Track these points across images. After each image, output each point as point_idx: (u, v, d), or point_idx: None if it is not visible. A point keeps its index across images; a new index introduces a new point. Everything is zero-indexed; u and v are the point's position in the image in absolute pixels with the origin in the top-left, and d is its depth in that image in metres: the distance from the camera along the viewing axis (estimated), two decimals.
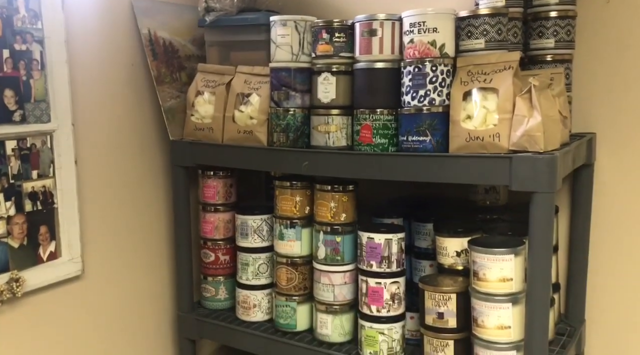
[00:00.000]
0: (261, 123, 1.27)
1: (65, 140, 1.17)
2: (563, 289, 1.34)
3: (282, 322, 1.32)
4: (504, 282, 1.03)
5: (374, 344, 1.18)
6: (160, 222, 1.45)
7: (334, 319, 1.25)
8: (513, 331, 1.03)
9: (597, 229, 1.31)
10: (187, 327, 1.41)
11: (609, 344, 1.32)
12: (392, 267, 1.18)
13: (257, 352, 1.32)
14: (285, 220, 1.30)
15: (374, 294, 1.19)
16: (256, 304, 1.37)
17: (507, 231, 1.16)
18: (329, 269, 1.25)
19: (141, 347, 1.42)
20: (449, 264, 1.18)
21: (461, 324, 1.10)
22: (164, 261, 1.46)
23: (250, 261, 1.37)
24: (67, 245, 1.18)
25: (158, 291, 1.45)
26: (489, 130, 1.02)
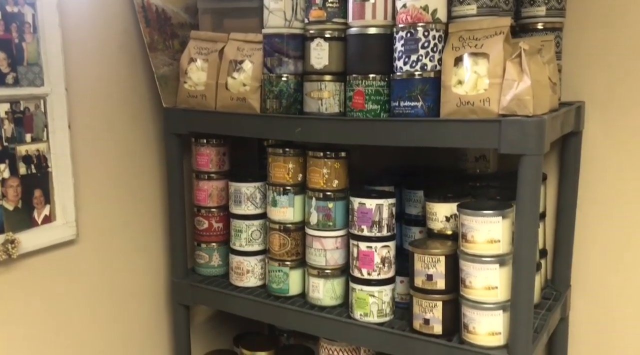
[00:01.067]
0: (254, 90, 1.28)
1: (59, 104, 1.17)
2: (550, 255, 1.37)
3: (275, 286, 1.34)
4: (491, 244, 1.05)
5: (364, 306, 1.21)
6: (154, 189, 1.46)
7: (325, 283, 1.28)
8: (500, 292, 1.06)
9: (584, 196, 1.34)
10: (181, 293, 1.43)
11: (593, 308, 1.36)
12: (382, 232, 1.20)
13: (251, 317, 1.35)
14: (278, 187, 1.31)
15: (364, 257, 1.21)
16: (249, 269, 1.39)
17: (496, 196, 1.18)
18: (321, 234, 1.27)
19: (135, 313, 1.44)
20: (439, 229, 1.21)
21: (449, 285, 1.12)
22: (158, 228, 1.48)
23: (243, 228, 1.39)
24: (62, 209, 1.19)
25: (152, 258, 1.47)
26: (480, 95, 1.03)
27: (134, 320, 1.43)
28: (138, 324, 1.45)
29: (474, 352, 1.07)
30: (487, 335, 1.07)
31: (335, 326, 1.23)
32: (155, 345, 1.50)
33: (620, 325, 1.34)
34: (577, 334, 1.37)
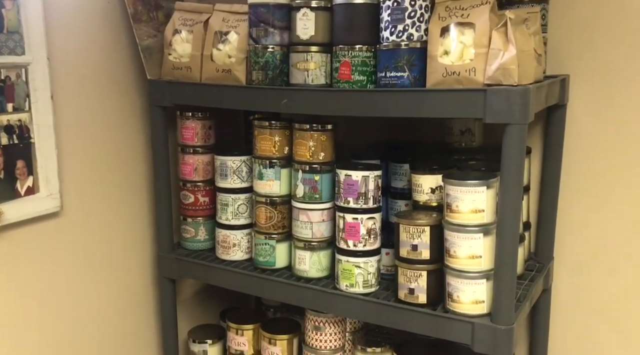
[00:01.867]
0: (239, 61, 1.27)
1: (41, 74, 1.15)
2: (533, 228, 1.38)
3: (262, 259, 1.34)
4: (475, 214, 1.06)
5: (350, 276, 1.22)
6: (139, 163, 1.45)
7: (312, 255, 1.28)
8: (483, 261, 1.07)
9: (568, 169, 1.35)
10: (167, 266, 1.43)
11: (574, 280, 1.38)
12: (368, 204, 1.21)
13: (237, 289, 1.35)
14: (264, 160, 1.31)
15: (350, 229, 1.22)
16: (236, 243, 1.39)
17: (481, 168, 1.19)
18: (308, 207, 1.28)
19: (121, 286, 1.43)
20: (424, 201, 1.21)
21: (434, 255, 1.13)
22: (143, 202, 1.47)
23: (229, 202, 1.39)
24: (45, 180, 1.18)
25: (138, 231, 1.46)
26: (466, 65, 1.03)
27: (119, 295, 1.43)
28: (124, 298, 1.44)
29: (457, 321, 1.08)
30: (470, 304, 1.08)
31: (322, 297, 1.24)
32: (142, 320, 1.50)
33: (601, 297, 1.36)
34: (559, 305, 1.40)
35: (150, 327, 1.52)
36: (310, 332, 1.34)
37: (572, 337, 1.41)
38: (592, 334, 1.39)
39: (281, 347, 1.39)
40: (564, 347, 1.42)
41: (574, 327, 1.40)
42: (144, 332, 1.51)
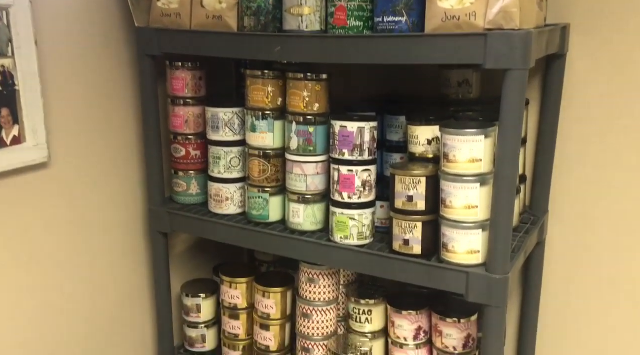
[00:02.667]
0: (231, 7, 1.22)
1: (23, 17, 1.10)
2: (529, 181, 1.38)
3: (255, 213, 1.33)
4: (473, 163, 1.05)
5: (344, 229, 1.21)
6: (128, 114, 1.41)
7: (306, 208, 1.27)
8: (480, 211, 1.06)
9: (566, 122, 1.33)
10: (158, 220, 1.41)
11: (569, 233, 1.39)
12: (364, 155, 1.19)
13: (231, 242, 1.34)
14: (257, 111, 1.28)
15: (345, 181, 1.20)
16: (228, 197, 1.37)
17: (478, 118, 1.17)
18: (302, 159, 1.25)
19: (113, 240, 1.42)
20: (420, 153, 1.20)
21: (430, 207, 1.12)
22: (134, 155, 1.44)
23: (222, 155, 1.36)
24: (32, 130, 1.15)
25: (128, 185, 1.44)
26: (466, 8, 1.00)
27: (111, 249, 1.42)
28: (116, 252, 1.43)
29: (452, 271, 1.08)
30: (465, 254, 1.08)
31: (316, 249, 1.23)
32: (134, 274, 1.49)
33: (595, 251, 1.37)
34: (553, 258, 1.40)
35: (143, 281, 1.51)
36: (304, 285, 1.34)
37: (564, 290, 1.42)
38: (584, 288, 1.40)
39: (275, 300, 1.40)
40: (556, 300, 1.43)
41: (567, 280, 1.41)
42: (137, 286, 1.50)
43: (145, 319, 1.53)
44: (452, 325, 1.24)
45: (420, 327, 1.28)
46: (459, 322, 1.24)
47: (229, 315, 1.47)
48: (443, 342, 1.25)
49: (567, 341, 1.45)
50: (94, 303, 1.38)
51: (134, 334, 1.50)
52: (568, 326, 1.44)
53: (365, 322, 1.34)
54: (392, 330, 1.31)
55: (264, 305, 1.41)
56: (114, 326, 1.44)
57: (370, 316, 1.34)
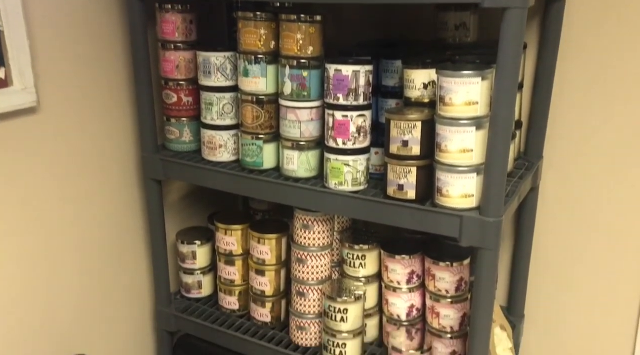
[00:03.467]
0: None
1: None
2: (524, 127, 1.37)
3: (249, 160, 1.32)
4: (469, 106, 1.03)
5: (338, 175, 1.20)
6: (118, 58, 1.38)
7: (300, 154, 1.26)
8: (475, 154, 1.06)
9: (563, 67, 1.32)
10: (152, 167, 1.40)
11: (562, 179, 1.39)
12: (358, 100, 1.17)
13: (225, 189, 1.33)
14: (250, 55, 1.25)
15: (340, 127, 1.19)
16: (222, 144, 1.36)
17: (475, 61, 1.15)
18: (295, 104, 1.24)
19: (106, 188, 1.41)
20: (416, 97, 1.18)
21: (424, 151, 1.12)
22: (125, 101, 1.42)
23: (214, 101, 1.34)
24: (18, 73, 1.12)
25: (120, 131, 1.42)
26: None
27: (104, 196, 1.41)
28: (109, 200, 1.43)
29: (446, 214, 1.08)
30: (459, 198, 1.08)
31: (310, 196, 1.23)
32: (129, 222, 1.49)
33: (588, 197, 1.38)
34: (546, 203, 1.41)
35: (138, 228, 1.52)
36: (299, 231, 1.35)
37: (557, 235, 1.44)
38: (577, 233, 1.41)
39: (270, 245, 1.41)
40: (548, 245, 1.45)
41: (559, 225, 1.43)
42: (132, 233, 1.50)
43: (141, 265, 1.54)
44: (444, 269, 1.26)
45: (413, 271, 1.30)
46: (452, 266, 1.25)
47: (224, 261, 1.49)
48: (435, 286, 1.27)
49: (558, 285, 1.48)
50: (88, 250, 1.39)
51: (130, 280, 1.51)
52: (559, 271, 1.46)
53: (359, 267, 1.36)
54: (386, 274, 1.33)
55: (259, 251, 1.42)
56: (109, 273, 1.45)
57: (363, 261, 1.36)
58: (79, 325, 1.38)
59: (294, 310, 1.38)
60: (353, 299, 1.28)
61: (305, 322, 1.37)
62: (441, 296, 1.27)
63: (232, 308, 1.50)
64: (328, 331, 1.30)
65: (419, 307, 1.33)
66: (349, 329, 1.29)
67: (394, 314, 1.33)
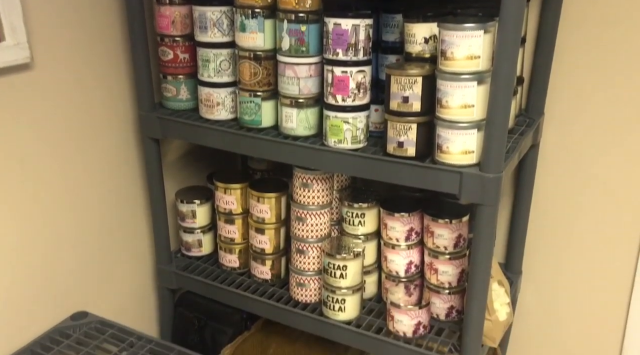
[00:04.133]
0: None
1: None
2: (526, 83, 1.35)
3: (247, 118, 1.30)
4: (471, 60, 1.02)
5: (338, 133, 1.19)
6: (113, 15, 1.35)
7: (299, 112, 1.25)
8: (476, 110, 1.05)
9: (567, 22, 1.29)
10: (149, 126, 1.38)
11: (564, 135, 1.38)
12: (358, 56, 1.15)
13: (223, 148, 1.32)
14: (247, 9, 1.22)
15: (339, 83, 1.17)
16: (219, 102, 1.34)
17: (477, 14, 1.13)
18: (294, 61, 1.21)
19: (103, 147, 1.40)
20: (417, 52, 1.16)
21: (425, 107, 1.11)
22: (120, 58, 1.39)
23: (211, 57, 1.32)
24: (10, 28, 1.09)
25: (116, 89, 1.40)
26: None
27: (103, 155, 1.40)
28: (108, 159, 1.42)
29: (446, 171, 1.08)
30: (460, 154, 1.07)
31: (310, 154, 1.22)
32: (128, 182, 1.49)
33: (589, 155, 1.37)
34: (547, 160, 1.41)
35: (138, 188, 1.51)
36: (298, 189, 1.35)
37: (556, 192, 1.44)
38: (576, 191, 1.42)
39: (269, 204, 1.41)
40: (547, 202, 1.46)
41: (559, 183, 1.43)
42: (132, 193, 1.50)
43: (141, 224, 1.54)
44: (443, 226, 1.27)
45: (412, 228, 1.31)
46: (451, 223, 1.26)
47: (224, 220, 1.49)
48: (434, 242, 1.28)
49: (556, 242, 1.49)
50: (88, 208, 1.39)
51: (130, 239, 1.52)
52: (558, 228, 1.47)
53: (359, 225, 1.37)
54: (385, 231, 1.33)
55: (259, 210, 1.42)
56: (110, 231, 1.46)
57: (363, 219, 1.36)
58: (80, 283, 1.39)
59: (294, 267, 1.40)
60: (352, 256, 1.29)
61: (305, 278, 1.38)
62: (440, 253, 1.28)
63: (232, 266, 1.52)
64: (327, 287, 1.31)
65: (417, 263, 1.34)
66: (348, 286, 1.30)
67: (393, 270, 1.34)
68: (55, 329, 1.29)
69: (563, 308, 1.53)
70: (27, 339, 1.25)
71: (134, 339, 1.28)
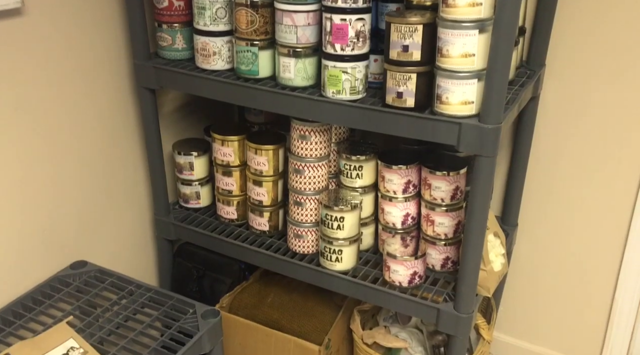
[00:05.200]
0: None
1: None
2: (528, 34, 1.33)
3: (244, 68, 1.28)
4: (473, 7, 0.99)
5: (336, 83, 1.18)
6: None
7: (297, 62, 1.23)
8: (477, 59, 1.03)
9: None
10: (144, 75, 1.36)
11: (564, 88, 1.37)
12: (358, 3, 1.12)
13: (220, 99, 1.31)
14: None
15: (338, 31, 1.15)
16: (216, 51, 1.32)
17: None
18: (292, 8, 1.18)
19: (97, 97, 1.38)
20: (417, 0, 1.13)
21: (425, 57, 1.09)
22: (114, 5, 1.36)
23: (206, 5, 1.28)
24: None
25: (110, 38, 1.37)
26: None
27: (97, 107, 1.38)
28: (102, 111, 1.40)
29: (445, 122, 1.07)
30: (459, 105, 1.06)
31: (307, 105, 1.21)
32: (125, 133, 1.47)
33: (589, 106, 1.36)
34: (546, 113, 1.40)
35: (135, 140, 1.50)
36: (296, 141, 1.34)
37: (554, 146, 1.44)
38: (575, 143, 1.41)
39: (267, 156, 1.40)
40: (545, 156, 1.45)
41: (558, 136, 1.42)
42: (129, 145, 1.49)
43: (139, 176, 1.54)
44: (441, 178, 1.27)
45: (409, 180, 1.31)
46: (448, 175, 1.26)
47: (222, 172, 1.49)
48: (431, 195, 1.29)
49: (552, 196, 1.50)
50: (86, 158, 1.38)
51: (128, 190, 1.52)
52: (555, 181, 1.48)
53: (356, 178, 1.37)
54: (382, 184, 1.33)
55: (256, 162, 1.42)
56: (108, 182, 1.46)
57: (361, 172, 1.36)
58: (79, 233, 1.40)
59: (292, 219, 1.40)
60: (350, 207, 1.30)
61: (303, 230, 1.39)
62: (436, 205, 1.29)
63: (230, 218, 1.53)
64: (325, 238, 1.33)
65: (414, 215, 1.35)
66: (345, 237, 1.31)
67: (390, 222, 1.35)
68: (55, 277, 1.31)
69: (557, 260, 1.55)
70: (28, 286, 1.27)
71: (133, 287, 1.30)
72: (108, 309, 1.24)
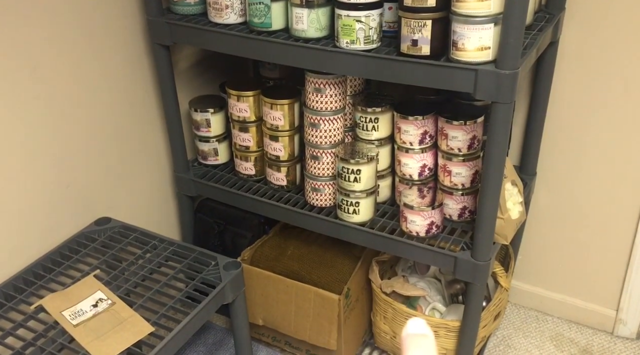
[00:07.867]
0: None
1: None
2: None
3: (257, 21, 1.27)
4: None
5: (350, 32, 1.16)
6: None
7: (310, 13, 1.21)
8: (493, 3, 1.00)
9: None
10: (158, 31, 1.36)
11: (585, 32, 1.33)
12: None
13: (234, 53, 1.30)
14: None
15: None
16: (228, 4, 1.30)
17: None
18: None
19: (112, 55, 1.38)
20: None
21: (440, 2, 1.06)
22: None
23: None
24: None
25: None
26: None
27: (112, 65, 1.39)
28: (118, 68, 1.41)
29: (461, 69, 1.05)
30: (475, 51, 1.04)
31: (322, 56, 1.19)
32: (142, 91, 1.48)
33: (609, 52, 1.32)
34: (566, 58, 1.37)
35: (151, 96, 1.51)
36: (311, 95, 1.34)
37: (574, 93, 1.41)
38: (595, 92, 1.38)
39: (282, 111, 1.41)
40: (564, 103, 1.43)
41: (577, 83, 1.39)
42: (146, 102, 1.50)
43: (157, 133, 1.56)
44: (457, 128, 1.26)
45: (426, 131, 1.30)
46: (465, 124, 1.25)
47: (238, 128, 1.50)
48: (448, 145, 1.28)
49: (571, 145, 1.48)
50: (103, 118, 1.40)
51: (148, 148, 1.54)
52: (573, 130, 1.45)
53: (372, 130, 1.36)
54: (399, 135, 1.33)
55: (272, 117, 1.42)
56: (128, 141, 1.48)
57: (377, 124, 1.36)
58: (102, 190, 1.43)
59: (309, 173, 1.41)
60: (366, 160, 1.30)
61: (320, 184, 1.41)
62: (453, 155, 1.28)
63: (248, 173, 1.54)
64: (342, 191, 1.34)
65: (431, 166, 1.35)
66: (362, 189, 1.32)
67: (407, 174, 1.35)
68: (81, 233, 1.35)
69: (576, 208, 1.54)
70: (55, 242, 1.31)
71: (157, 241, 1.33)
72: (133, 263, 1.28)
